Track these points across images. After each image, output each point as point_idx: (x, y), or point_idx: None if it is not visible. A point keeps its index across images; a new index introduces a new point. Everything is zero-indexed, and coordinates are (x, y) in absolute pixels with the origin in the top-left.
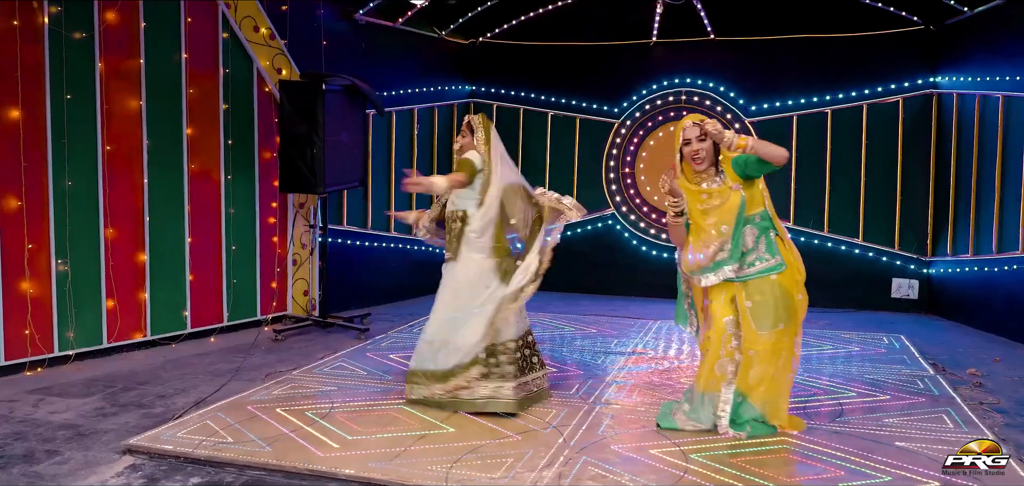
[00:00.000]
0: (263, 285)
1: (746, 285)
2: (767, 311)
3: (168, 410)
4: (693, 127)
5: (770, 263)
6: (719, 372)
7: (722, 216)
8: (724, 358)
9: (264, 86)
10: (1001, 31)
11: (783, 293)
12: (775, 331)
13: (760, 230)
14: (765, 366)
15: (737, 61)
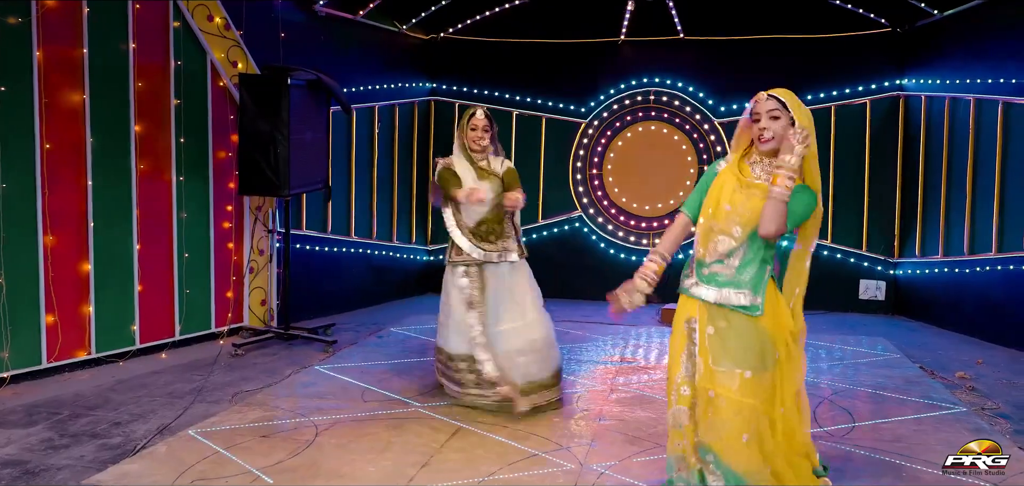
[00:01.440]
0: (218, 295)
1: (709, 308)
2: (728, 346)
3: (127, 439)
4: (768, 101)
5: (750, 300)
6: (673, 423)
7: (743, 215)
8: (677, 406)
9: (218, 80)
10: (972, 34)
11: (758, 335)
12: (736, 375)
13: (759, 260)
14: (736, 421)
15: (706, 61)
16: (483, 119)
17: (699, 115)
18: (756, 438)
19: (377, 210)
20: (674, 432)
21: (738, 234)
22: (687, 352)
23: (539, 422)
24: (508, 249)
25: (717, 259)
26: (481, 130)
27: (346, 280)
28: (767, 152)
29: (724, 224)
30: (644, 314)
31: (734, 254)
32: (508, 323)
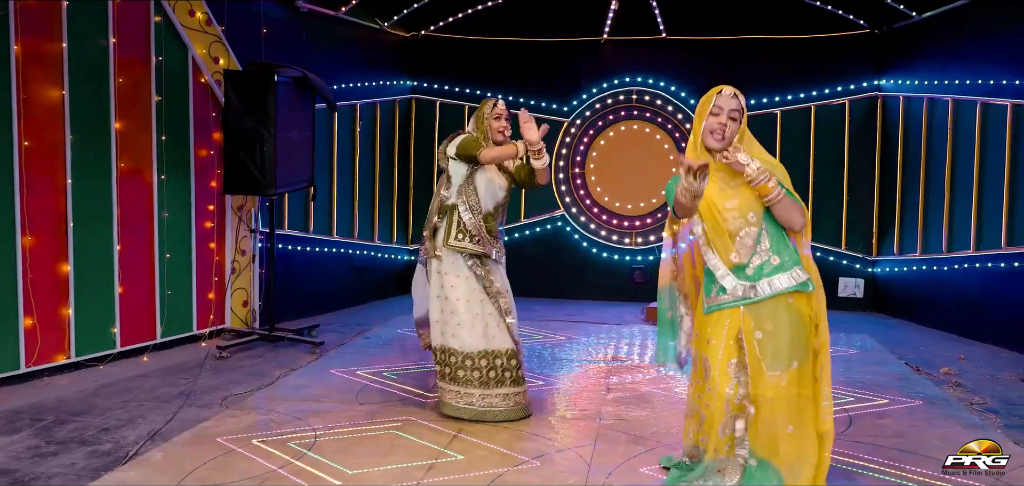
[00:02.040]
0: (199, 297)
1: (755, 310)
2: (781, 344)
3: (118, 446)
4: (732, 98)
5: (802, 277)
6: (723, 434)
7: (747, 201)
8: (729, 415)
9: (200, 76)
10: (950, 36)
11: (799, 319)
12: (790, 372)
13: (782, 233)
14: (783, 418)
15: (688, 61)
16: (506, 109)
17: (681, 115)
18: (799, 426)
19: (359, 209)
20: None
21: (754, 219)
22: (738, 363)
23: (539, 423)
24: (501, 251)
25: (752, 253)
26: (504, 120)
27: (328, 280)
28: (722, 146)
29: (739, 221)
30: (629, 312)
31: (761, 238)
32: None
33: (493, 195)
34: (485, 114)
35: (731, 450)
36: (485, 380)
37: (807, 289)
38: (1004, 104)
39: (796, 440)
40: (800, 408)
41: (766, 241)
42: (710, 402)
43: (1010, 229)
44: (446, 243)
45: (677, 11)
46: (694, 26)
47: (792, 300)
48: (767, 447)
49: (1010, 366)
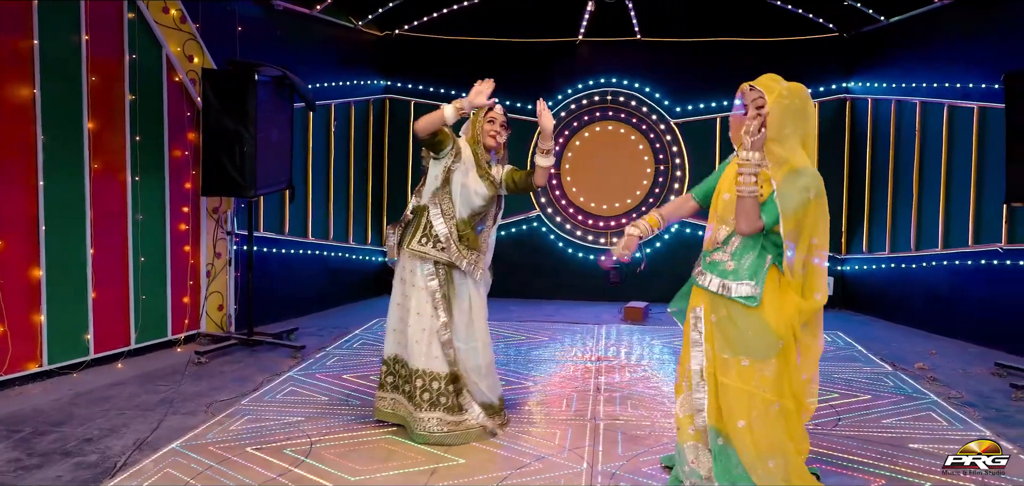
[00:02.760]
0: (174, 301)
1: (713, 297)
2: (727, 334)
3: (104, 457)
4: (750, 92)
5: (747, 291)
6: (683, 410)
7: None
8: (686, 392)
9: (174, 75)
10: (917, 40)
11: (758, 324)
12: (736, 362)
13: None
14: (735, 407)
15: (662, 62)
16: (503, 114)
17: (656, 115)
18: (749, 426)
19: (334, 211)
20: (686, 419)
21: (733, 220)
22: (693, 340)
23: (535, 425)
24: (477, 264)
25: (717, 247)
26: (499, 125)
27: (303, 283)
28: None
29: (724, 213)
30: (607, 312)
31: (731, 241)
32: (469, 342)
33: (468, 201)
34: (478, 115)
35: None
36: (418, 402)
37: (749, 303)
38: (970, 107)
39: (749, 439)
40: (752, 405)
41: (734, 245)
42: (677, 375)
43: (977, 228)
44: (408, 246)
45: (652, 13)
46: (668, 28)
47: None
48: (722, 423)
49: (979, 360)
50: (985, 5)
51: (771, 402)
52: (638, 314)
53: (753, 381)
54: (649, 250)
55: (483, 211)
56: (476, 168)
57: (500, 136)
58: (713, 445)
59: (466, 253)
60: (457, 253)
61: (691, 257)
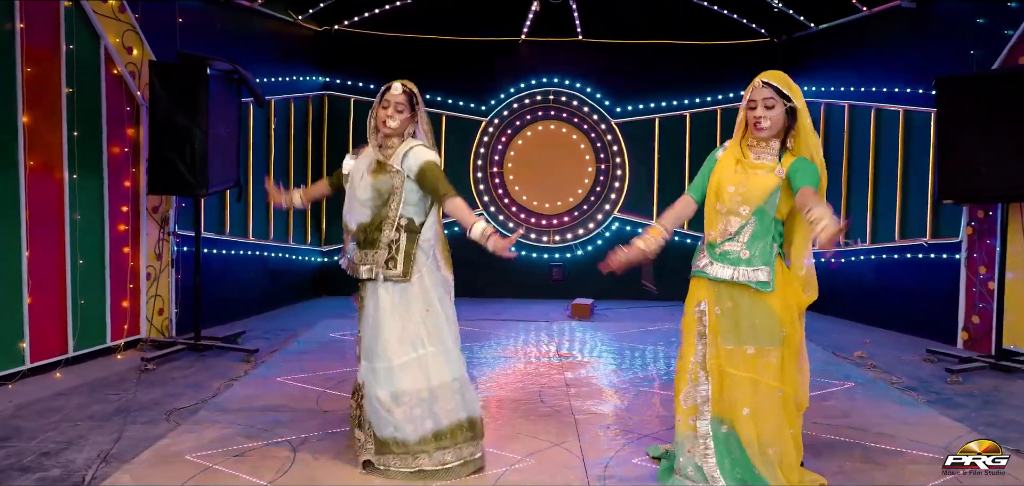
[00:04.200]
0: (114, 305)
1: (717, 287)
2: (736, 325)
3: (69, 471)
4: (763, 88)
5: (761, 277)
6: (686, 402)
7: (748, 192)
8: (690, 384)
9: (113, 67)
10: (845, 46)
11: (765, 312)
12: (741, 351)
13: (770, 234)
14: (739, 396)
15: (603, 63)
16: (400, 93)
17: (597, 115)
18: (757, 413)
19: (274, 210)
20: (689, 410)
21: (745, 212)
22: (698, 333)
23: (516, 422)
24: (376, 263)
25: (728, 238)
26: (393, 108)
27: (245, 284)
28: (765, 136)
29: (732, 205)
30: (553, 310)
31: (743, 231)
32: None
33: (351, 211)
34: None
35: (693, 425)
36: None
37: (763, 289)
38: (896, 110)
39: (752, 425)
40: (757, 392)
41: (747, 235)
42: (679, 369)
43: (903, 224)
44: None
45: (594, 14)
46: (609, 29)
47: (758, 290)
48: (726, 413)
49: (910, 348)
50: (911, 15)
51: (775, 388)
52: (585, 310)
53: (758, 368)
54: (591, 248)
55: (379, 209)
56: (369, 164)
57: (392, 120)
58: (716, 433)
59: (362, 257)
60: (356, 260)
61: None
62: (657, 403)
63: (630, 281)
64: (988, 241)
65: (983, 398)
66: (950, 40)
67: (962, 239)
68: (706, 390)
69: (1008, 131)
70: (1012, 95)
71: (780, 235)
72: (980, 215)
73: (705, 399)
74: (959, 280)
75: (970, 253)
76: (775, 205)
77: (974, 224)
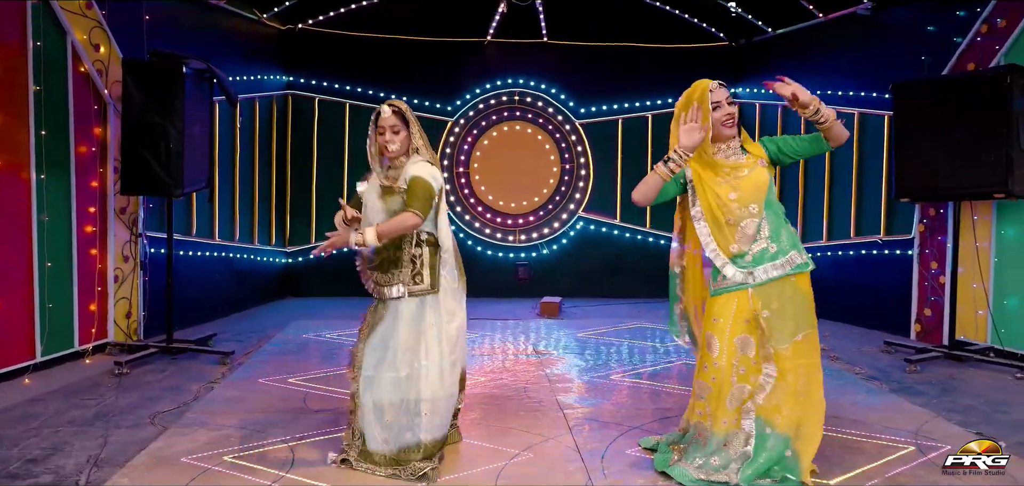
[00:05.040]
0: (81, 308)
1: (761, 291)
2: (787, 319)
3: (60, 477)
4: (721, 89)
5: (802, 258)
6: (732, 404)
7: (749, 192)
8: (737, 385)
9: (80, 65)
10: (802, 50)
11: (801, 295)
12: (796, 342)
13: (783, 219)
14: (792, 386)
15: (568, 65)
16: (391, 116)
17: (561, 116)
18: (806, 392)
19: (240, 211)
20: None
21: (755, 210)
22: (743, 338)
23: (506, 417)
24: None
25: (753, 240)
26: (389, 132)
27: (212, 286)
28: (730, 135)
29: (741, 211)
30: (521, 308)
31: (761, 227)
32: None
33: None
34: (371, 126)
35: (738, 423)
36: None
37: (806, 269)
38: (851, 112)
39: (801, 403)
40: (808, 375)
41: (766, 229)
42: (717, 375)
43: (858, 221)
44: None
45: (559, 16)
46: (574, 32)
47: (794, 278)
48: (776, 411)
49: (866, 340)
50: (866, 22)
51: (818, 366)
52: (554, 309)
53: (807, 352)
54: (556, 247)
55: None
56: (379, 191)
57: (392, 144)
58: (758, 433)
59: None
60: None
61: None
62: (641, 397)
63: (595, 280)
64: (939, 238)
65: (941, 386)
66: (903, 46)
67: (914, 236)
68: (749, 389)
69: (959, 133)
70: (963, 99)
71: (782, 209)
72: (931, 213)
73: (751, 398)
74: (912, 275)
75: (922, 249)
76: (774, 193)
77: (926, 221)
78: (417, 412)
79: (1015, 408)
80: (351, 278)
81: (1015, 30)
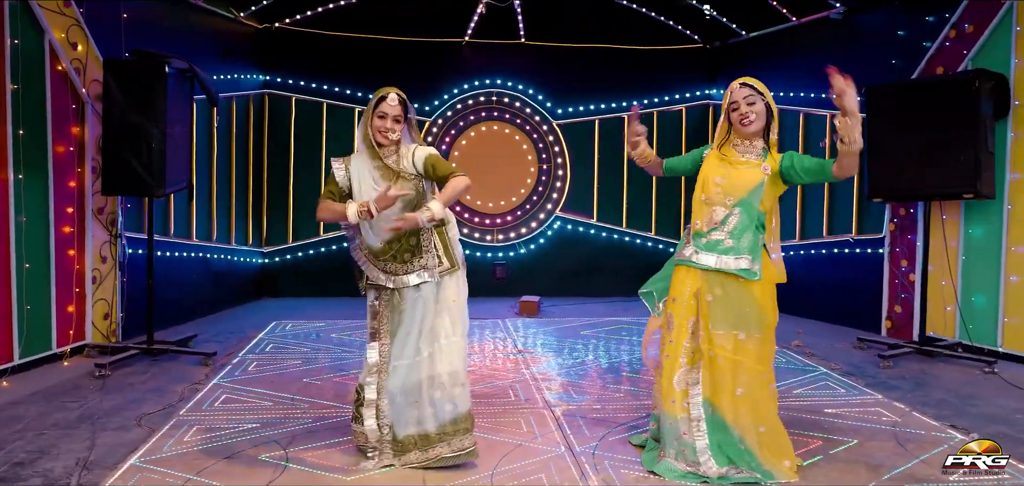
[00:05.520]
0: (59, 310)
1: (708, 276)
2: (726, 310)
3: (49, 481)
4: (741, 89)
5: (748, 265)
6: (679, 385)
7: (733, 185)
8: (684, 368)
9: (57, 63)
10: (775, 53)
11: (750, 300)
12: (732, 336)
13: (754, 226)
14: (729, 378)
15: (545, 66)
16: (397, 105)
17: (539, 116)
18: (749, 394)
19: (217, 211)
20: (680, 393)
21: (730, 203)
22: (690, 319)
23: (499, 415)
24: (427, 267)
25: (713, 227)
26: (391, 120)
27: (190, 287)
28: (749, 134)
29: (717, 196)
30: (499, 307)
31: (728, 221)
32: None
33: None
34: (369, 109)
35: (686, 408)
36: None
37: (748, 276)
38: (823, 114)
39: (746, 405)
40: (750, 378)
41: (731, 223)
42: (671, 354)
43: (830, 221)
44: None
45: (537, 17)
46: (551, 33)
47: (745, 282)
48: (720, 400)
49: (839, 337)
50: (838, 26)
51: (761, 372)
52: (533, 308)
53: (746, 352)
54: (534, 246)
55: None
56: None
57: (393, 131)
58: (707, 416)
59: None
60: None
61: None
62: (625, 394)
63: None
64: (909, 237)
65: (914, 381)
66: (874, 50)
67: (885, 235)
68: (698, 374)
69: (930, 135)
70: (934, 102)
71: (763, 228)
72: (902, 213)
73: (697, 382)
74: (883, 273)
75: (892, 248)
76: (759, 198)
77: (896, 221)
78: (455, 383)
79: (984, 402)
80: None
81: (982, 35)
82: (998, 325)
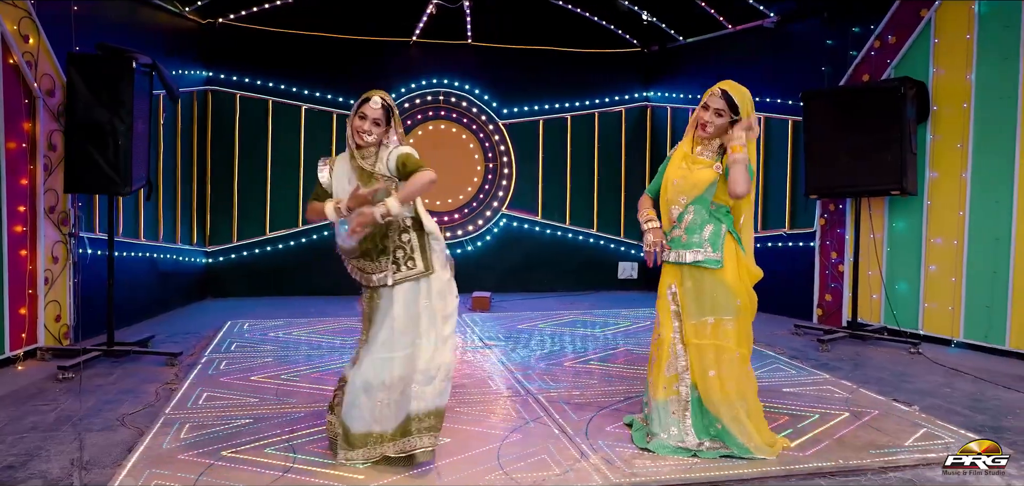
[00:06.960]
0: (12, 312)
1: (680, 270)
2: (696, 299)
3: (49, 482)
4: (712, 98)
5: (706, 255)
6: (670, 372)
7: (688, 184)
8: (673, 356)
9: (9, 56)
10: (712, 58)
11: (720, 285)
12: (702, 322)
13: (713, 219)
14: (706, 361)
15: (491, 66)
16: (378, 108)
17: (485, 116)
18: (722, 375)
19: (163, 210)
20: (670, 378)
21: (683, 201)
22: (673, 312)
23: (484, 403)
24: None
25: (673, 225)
26: (371, 122)
27: (138, 287)
28: (707, 137)
29: (673, 196)
30: None
31: (682, 219)
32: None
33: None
34: (353, 112)
35: (676, 390)
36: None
37: (710, 266)
38: (759, 117)
39: (718, 385)
40: (720, 357)
41: (687, 221)
42: (660, 346)
43: (764, 216)
44: None
45: (484, 19)
46: (497, 34)
47: (710, 270)
48: (696, 379)
49: (777, 325)
50: (771, 34)
51: (734, 352)
52: (485, 303)
53: (718, 335)
54: (481, 243)
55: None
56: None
57: (370, 134)
58: (692, 396)
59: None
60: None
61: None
62: (600, 379)
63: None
64: (838, 230)
65: (852, 362)
66: (804, 58)
67: (816, 229)
68: (685, 360)
69: (860, 137)
70: (864, 107)
71: (727, 217)
72: (831, 208)
73: (685, 368)
74: (814, 264)
75: (823, 241)
76: (712, 195)
77: (826, 216)
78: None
79: (915, 378)
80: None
81: (904, 45)
82: (919, 310)
